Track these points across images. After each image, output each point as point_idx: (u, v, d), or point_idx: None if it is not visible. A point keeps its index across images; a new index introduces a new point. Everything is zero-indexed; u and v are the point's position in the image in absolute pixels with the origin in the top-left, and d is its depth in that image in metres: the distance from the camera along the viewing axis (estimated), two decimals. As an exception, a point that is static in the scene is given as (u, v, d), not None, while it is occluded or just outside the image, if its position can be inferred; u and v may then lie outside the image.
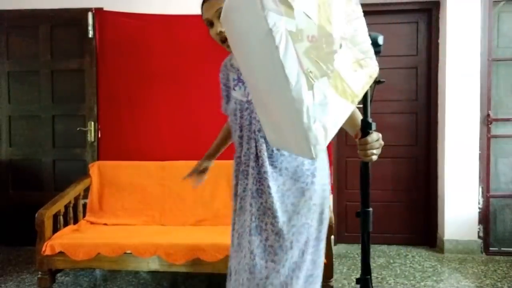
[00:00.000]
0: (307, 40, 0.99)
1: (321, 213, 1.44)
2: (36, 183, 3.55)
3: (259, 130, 1.44)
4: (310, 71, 0.99)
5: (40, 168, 3.56)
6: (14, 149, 3.59)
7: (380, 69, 1.15)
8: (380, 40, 1.18)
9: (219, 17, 1.36)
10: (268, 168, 1.41)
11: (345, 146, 3.64)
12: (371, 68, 1.13)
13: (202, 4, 1.44)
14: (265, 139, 1.42)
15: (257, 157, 1.44)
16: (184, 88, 3.33)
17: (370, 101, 1.22)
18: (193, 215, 3.01)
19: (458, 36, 3.35)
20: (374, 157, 1.22)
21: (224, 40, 1.40)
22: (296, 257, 1.38)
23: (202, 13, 1.45)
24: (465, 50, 3.35)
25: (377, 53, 1.17)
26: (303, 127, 1.00)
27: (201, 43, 3.29)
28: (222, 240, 2.50)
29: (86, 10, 3.35)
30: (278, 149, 1.43)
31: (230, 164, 3.12)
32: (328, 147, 1.32)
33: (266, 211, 1.40)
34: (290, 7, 0.97)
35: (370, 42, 1.14)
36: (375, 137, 1.21)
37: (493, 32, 3.42)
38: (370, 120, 1.21)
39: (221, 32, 1.40)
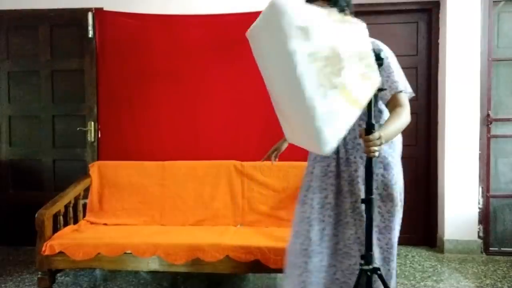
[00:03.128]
0: (320, 60, 1.21)
1: (396, 205, 1.74)
2: (36, 183, 3.55)
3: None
4: (323, 84, 1.21)
5: (40, 168, 3.56)
6: (14, 149, 3.59)
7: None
8: (382, 54, 1.42)
9: None
10: (360, 172, 1.68)
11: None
12: (374, 80, 1.36)
13: None
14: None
15: (348, 162, 1.71)
16: (184, 88, 3.33)
17: (374, 104, 1.42)
18: (193, 215, 3.00)
19: (458, 36, 3.35)
20: (376, 153, 1.43)
21: None
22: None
23: None
24: (465, 50, 3.35)
25: (379, 65, 1.40)
26: (316, 130, 1.22)
27: (201, 43, 3.28)
28: (222, 240, 2.51)
29: (86, 10, 3.35)
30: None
31: (229, 164, 3.14)
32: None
33: (355, 209, 1.72)
34: (307, 33, 1.21)
35: (374, 57, 1.37)
36: (377, 136, 1.41)
37: (493, 32, 3.42)
38: (373, 121, 1.42)
39: None
